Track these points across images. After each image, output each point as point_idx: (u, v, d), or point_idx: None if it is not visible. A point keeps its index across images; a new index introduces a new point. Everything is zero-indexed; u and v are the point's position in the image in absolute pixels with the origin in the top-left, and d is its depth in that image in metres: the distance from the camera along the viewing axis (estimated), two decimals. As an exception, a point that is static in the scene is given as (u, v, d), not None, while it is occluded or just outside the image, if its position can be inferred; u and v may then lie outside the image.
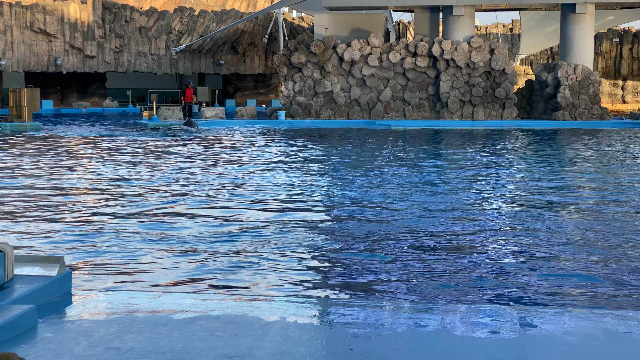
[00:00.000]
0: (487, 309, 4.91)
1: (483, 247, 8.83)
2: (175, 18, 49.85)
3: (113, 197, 12.54)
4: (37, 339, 3.98)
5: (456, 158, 19.74)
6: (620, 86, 52.36)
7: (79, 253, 8.38)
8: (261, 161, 18.54)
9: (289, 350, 3.84)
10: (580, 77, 34.68)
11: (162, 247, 8.73)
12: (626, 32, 52.58)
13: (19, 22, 45.32)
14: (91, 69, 48.00)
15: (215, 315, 4.43)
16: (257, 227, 9.93)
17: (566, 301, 6.67)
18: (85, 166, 17.36)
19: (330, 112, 35.80)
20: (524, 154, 22.04)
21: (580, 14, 34.78)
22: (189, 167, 17.13)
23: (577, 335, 4.16)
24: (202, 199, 12.37)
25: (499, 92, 34.93)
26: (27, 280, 4.60)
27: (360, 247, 8.75)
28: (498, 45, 35.27)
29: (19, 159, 18.70)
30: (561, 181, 15.28)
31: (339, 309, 4.79)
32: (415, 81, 35.51)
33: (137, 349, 3.82)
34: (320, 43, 35.41)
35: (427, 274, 7.50)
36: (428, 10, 36.55)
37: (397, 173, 16.16)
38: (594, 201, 12.61)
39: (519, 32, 52.75)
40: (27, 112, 32.14)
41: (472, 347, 3.96)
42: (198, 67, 51.32)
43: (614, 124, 34.13)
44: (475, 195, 13.01)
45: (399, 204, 11.98)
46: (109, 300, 4.85)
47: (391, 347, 3.91)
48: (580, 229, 9.92)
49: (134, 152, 20.96)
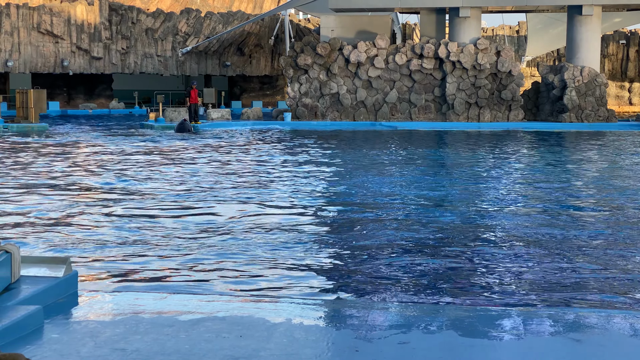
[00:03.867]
0: (494, 311, 4.89)
1: (493, 248, 8.81)
2: (182, 20, 49.93)
3: (118, 198, 12.56)
4: (44, 340, 3.98)
5: (464, 160, 19.72)
6: (627, 88, 52.24)
7: (86, 253, 8.39)
8: (265, 162, 18.55)
9: (295, 351, 3.84)
10: (587, 79, 34.62)
11: (166, 247, 8.73)
12: (633, 34, 52.47)
13: (26, 24, 45.46)
14: (98, 71, 48.12)
15: (221, 317, 4.43)
16: (262, 228, 9.93)
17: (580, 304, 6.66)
18: (91, 167, 17.40)
19: (336, 114, 35.81)
20: (532, 156, 22.02)
21: (587, 15, 34.73)
22: (192, 168, 17.15)
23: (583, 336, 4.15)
24: (203, 199, 12.38)
25: (505, 94, 34.90)
26: (33, 281, 4.61)
27: (367, 248, 8.74)
28: (504, 47, 35.24)
29: (24, 159, 18.76)
30: (580, 186, 15.26)
31: (345, 310, 4.79)
32: (422, 83, 35.50)
33: (143, 350, 3.83)
34: (326, 45, 35.43)
35: (435, 275, 7.49)
36: (434, 12, 36.54)
37: (403, 174, 16.15)
38: (615, 205, 12.59)
39: (525, 34, 52.71)
40: (34, 113, 32.23)
41: (479, 348, 3.95)
42: (204, 69, 51.39)
43: (620, 126, 34.06)
44: (487, 197, 12.99)
45: (405, 204, 11.97)
46: (115, 301, 4.86)
47: (397, 349, 3.91)
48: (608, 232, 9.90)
49: (139, 153, 21.01)
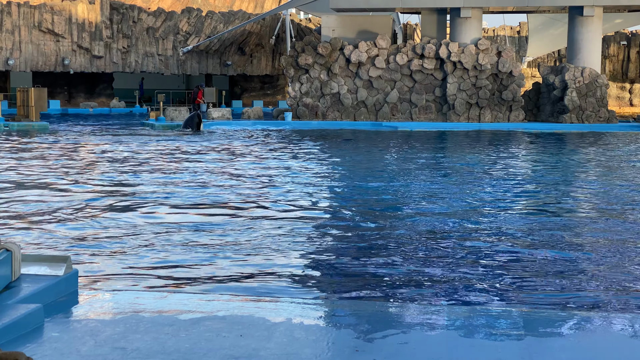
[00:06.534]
0: (494, 310, 4.90)
1: (494, 248, 8.81)
2: (183, 19, 49.92)
3: (119, 197, 12.57)
4: (44, 339, 3.99)
5: (468, 160, 19.72)
6: (627, 89, 52.22)
7: (86, 252, 8.39)
8: (265, 162, 18.55)
9: (295, 351, 3.84)
10: (588, 80, 34.61)
11: (167, 246, 8.74)
12: (634, 35, 52.45)
13: (27, 22, 45.46)
14: (98, 69, 48.11)
15: (221, 316, 4.43)
16: (263, 228, 9.93)
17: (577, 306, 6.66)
18: (91, 165, 17.41)
19: (336, 114, 35.81)
20: (534, 156, 22.02)
21: (588, 16, 34.71)
22: (193, 168, 17.15)
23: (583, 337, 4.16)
24: (205, 200, 12.38)
25: (506, 95, 34.89)
26: (34, 280, 4.62)
27: (367, 248, 8.74)
28: (505, 48, 35.23)
29: (25, 157, 18.76)
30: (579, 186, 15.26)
31: (345, 310, 4.80)
32: (422, 83, 35.49)
33: (143, 349, 3.83)
34: (327, 44, 35.42)
35: (434, 275, 7.49)
36: (435, 12, 36.53)
37: (406, 174, 16.15)
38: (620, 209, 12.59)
39: (526, 34, 52.70)
40: (35, 111, 32.22)
41: (478, 348, 3.95)
42: (205, 68, 51.38)
43: (621, 127, 34.05)
44: (490, 198, 12.99)
45: (406, 204, 11.97)
46: (116, 300, 4.87)
47: (397, 348, 3.91)
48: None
49: (141, 152, 21.01)
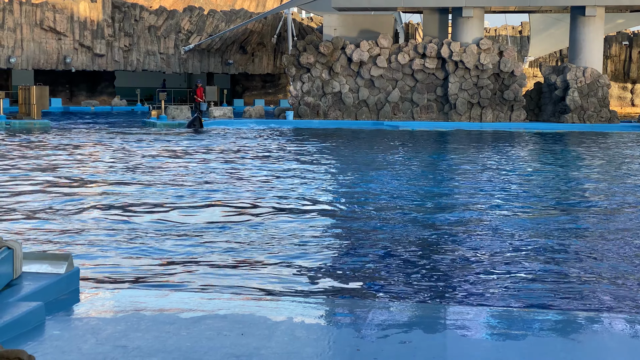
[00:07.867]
0: (495, 310, 4.90)
1: (495, 248, 8.81)
2: (185, 17, 49.93)
3: (121, 195, 12.57)
4: (45, 336, 3.99)
5: (470, 160, 19.72)
6: (629, 89, 52.20)
7: (88, 250, 8.40)
8: (265, 161, 18.55)
9: (296, 350, 3.84)
10: (589, 80, 34.59)
11: (169, 245, 8.74)
12: (636, 35, 52.42)
13: (28, 20, 45.48)
14: (100, 68, 48.13)
15: (222, 315, 4.43)
16: (263, 228, 9.93)
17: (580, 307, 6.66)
18: (93, 163, 17.41)
19: (338, 113, 35.80)
20: (536, 156, 22.01)
21: (590, 16, 34.70)
22: (193, 167, 17.15)
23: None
24: (205, 198, 12.38)
25: (508, 94, 34.87)
26: (35, 278, 4.62)
27: (368, 248, 8.74)
28: (507, 48, 35.21)
29: (29, 156, 18.77)
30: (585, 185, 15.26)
31: (346, 309, 4.80)
32: (424, 82, 35.48)
33: (144, 347, 3.83)
34: (329, 43, 35.41)
35: (435, 275, 7.49)
36: (437, 11, 36.52)
37: (407, 174, 16.15)
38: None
39: (528, 34, 52.66)
40: (36, 110, 32.23)
41: (480, 348, 3.95)
42: (207, 67, 51.39)
43: (622, 127, 34.03)
44: (492, 198, 12.99)
45: (407, 204, 11.96)
46: (117, 298, 4.87)
47: (398, 348, 3.91)
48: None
49: (142, 150, 21.02)
